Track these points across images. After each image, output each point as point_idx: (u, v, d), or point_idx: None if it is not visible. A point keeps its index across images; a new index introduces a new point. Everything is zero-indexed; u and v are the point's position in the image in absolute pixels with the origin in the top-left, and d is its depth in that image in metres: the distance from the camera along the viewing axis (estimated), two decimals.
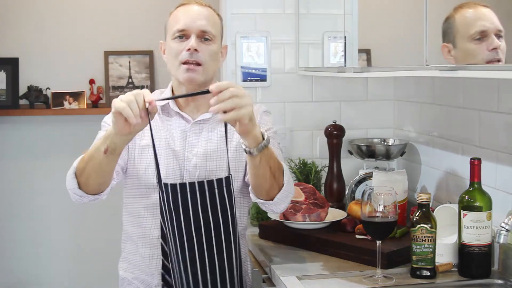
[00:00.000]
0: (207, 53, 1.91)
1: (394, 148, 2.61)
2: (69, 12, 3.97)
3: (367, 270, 1.98)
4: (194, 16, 1.92)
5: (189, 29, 1.90)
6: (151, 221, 1.95)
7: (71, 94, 3.89)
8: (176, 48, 1.91)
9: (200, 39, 1.91)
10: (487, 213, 1.89)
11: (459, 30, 1.83)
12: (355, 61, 2.34)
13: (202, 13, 1.93)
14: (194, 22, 1.91)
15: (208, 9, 1.96)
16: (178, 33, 1.91)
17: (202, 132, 1.97)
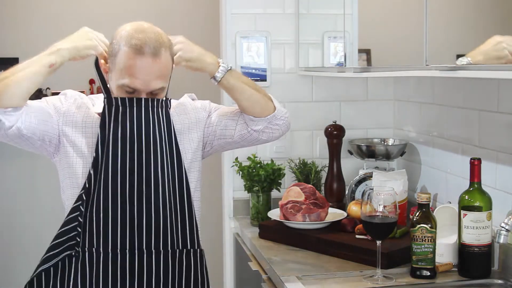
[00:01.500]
0: (158, 97, 1.82)
1: (394, 148, 2.61)
2: (69, 12, 3.98)
3: (367, 270, 1.98)
4: (147, 76, 1.75)
5: (140, 90, 1.77)
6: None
7: None
8: (122, 95, 1.80)
9: (150, 93, 1.79)
10: (487, 213, 1.89)
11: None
12: (355, 61, 2.34)
13: (156, 70, 1.75)
14: (147, 85, 1.76)
15: (162, 56, 1.75)
16: (127, 90, 1.77)
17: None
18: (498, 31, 1.71)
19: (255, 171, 2.55)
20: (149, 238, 1.79)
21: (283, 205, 2.32)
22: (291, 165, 2.71)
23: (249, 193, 2.60)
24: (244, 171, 2.57)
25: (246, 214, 2.72)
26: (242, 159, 2.64)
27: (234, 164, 2.65)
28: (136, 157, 1.79)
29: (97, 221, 1.78)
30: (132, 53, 1.75)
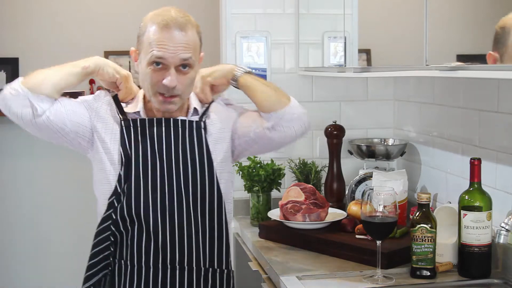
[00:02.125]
0: (186, 83, 1.80)
1: (394, 148, 2.61)
2: (69, 12, 3.98)
3: (367, 270, 1.98)
4: (174, 46, 1.76)
5: (168, 61, 1.77)
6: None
7: (71, 94, 3.87)
8: (152, 77, 1.79)
9: (179, 68, 1.78)
10: (487, 213, 1.89)
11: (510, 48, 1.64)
12: (355, 61, 2.34)
13: (183, 40, 1.77)
14: (174, 53, 1.76)
15: (188, 29, 1.79)
16: (155, 61, 1.78)
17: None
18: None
19: (255, 171, 2.55)
20: (173, 254, 1.81)
21: (283, 205, 2.32)
22: (291, 165, 2.71)
23: (249, 193, 2.60)
24: (244, 171, 2.57)
25: (246, 214, 2.71)
26: (242, 159, 2.64)
27: (234, 164, 2.64)
28: (160, 174, 1.82)
29: (126, 233, 1.82)
30: (158, 28, 1.79)
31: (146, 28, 1.82)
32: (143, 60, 1.81)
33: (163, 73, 1.78)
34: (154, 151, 1.82)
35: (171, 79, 1.77)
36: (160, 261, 1.81)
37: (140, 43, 1.85)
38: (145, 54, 1.80)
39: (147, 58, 1.78)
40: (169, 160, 1.83)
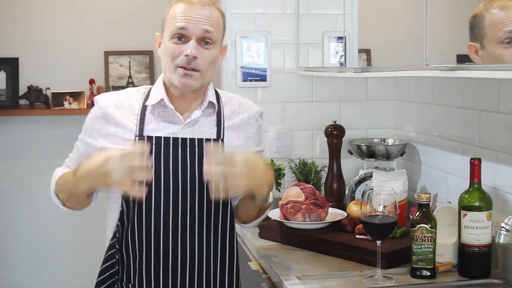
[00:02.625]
0: (207, 59, 1.77)
1: (394, 148, 2.61)
2: (69, 12, 3.98)
3: (367, 270, 1.97)
4: (197, 16, 1.76)
5: (190, 31, 1.76)
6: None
7: (71, 94, 3.89)
8: (173, 50, 1.77)
9: (200, 43, 1.77)
10: (487, 213, 1.89)
11: (487, 30, 1.67)
12: (355, 61, 2.34)
13: (206, 13, 1.77)
14: (196, 24, 1.76)
15: (212, 8, 1.80)
16: (178, 33, 1.76)
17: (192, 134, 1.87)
18: None
19: None
20: (184, 277, 1.79)
21: (283, 205, 2.32)
22: (291, 165, 2.71)
23: None
24: None
25: None
26: None
27: None
28: (173, 197, 1.78)
29: (133, 257, 1.80)
30: (183, 3, 1.80)
31: (171, 8, 1.83)
32: (166, 36, 1.81)
33: (184, 46, 1.76)
34: (168, 173, 1.77)
35: (192, 49, 1.75)
36: (170, 285, 1.78)
37: (164, 24, 1.85)
38: (168, 29, 1.80)
39: (170, 31, 1.78)
40: (184, 183, 1.78)
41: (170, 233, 1.77)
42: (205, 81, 1.82)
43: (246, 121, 1.91)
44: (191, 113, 1.83)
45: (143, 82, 4.01)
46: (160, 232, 1.78)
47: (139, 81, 4.02)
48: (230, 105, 1.90)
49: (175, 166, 1.78)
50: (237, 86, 2.74)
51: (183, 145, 1.80)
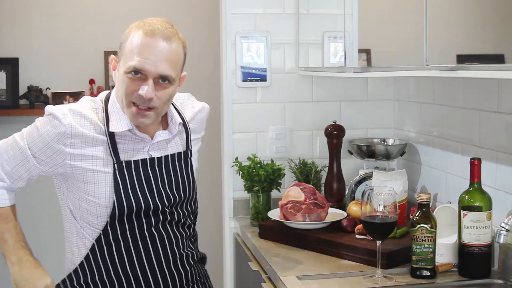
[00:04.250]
0: (163, 98, 1.72)
1: (394, 148, 2.61)
2: (69, 12, 3.98)
3: (367, 270, 1.98)
4: (156, 56, 1.68)
5: (147, 72, 1.68)
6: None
7: (71, 94, 3.89)
8: (128, 86, 1.70)
9: (158, 81, 1.70)
10: (487, 213, 1.89)
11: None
12: (355, 61, 2.34)
13: (166, 52, 1.69)
14: (155, 65, 1.68)
15: (173, 43, 1.71)
16: (134, 69, 1.69)
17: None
18: (498, 31, 1.71)
19: (255, 171, 2.55)
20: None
21: (283, 205, 2.32)
22: (291, 165, 2.71)
23: (249, 193, 2.60)
24: (244, 171, 2.57)
25: (246, 214, 2.72)
26: (242, 159, 2.64)
27: (234, 164, 2.65)
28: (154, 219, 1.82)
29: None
30: (143, 34, 1.70)
31: (130, 34, 1.73)
32: (122, 68, 1.73)
33: (140, 83, 1.69)
34: (153, 192, 1.81)
35: (148, 90, 1.68)
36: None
37: (121, 50, 1.76)
38: (124, 61, 1.72)
39: (126, 65, 1.70)
40: (167, 199, 1.83)
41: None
42: (160, 115, 1.80)
43: (201, 123, 2.00)
44: (157, 132, 1.83)
45: None
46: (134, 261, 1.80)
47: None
48: (186, 113, 1.95)
49: (157, 185, 1.81)
50: (237, 86, 2.74)
51: (158, 164, 1.82)
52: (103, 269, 1.78)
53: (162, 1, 4.08)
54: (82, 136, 1.74)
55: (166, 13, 4.12)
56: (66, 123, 1.73)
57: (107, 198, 1.75)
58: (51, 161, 1.76)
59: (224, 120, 2.77)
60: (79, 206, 1.79)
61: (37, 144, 1.76)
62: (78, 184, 1.77)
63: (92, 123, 1.76)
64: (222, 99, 2.80)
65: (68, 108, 1.76)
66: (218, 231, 3.08)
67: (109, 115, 1.78)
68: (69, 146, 1.74)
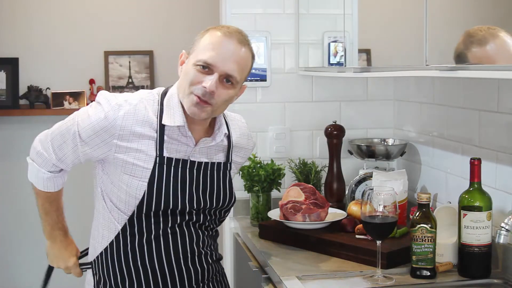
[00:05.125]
0: (223, 97, 1.77)
1: (394, 148, 2.61)
2: (69, 12, 3.98)
3: (367, 270, 1.98)
4: (227, 55, 1.75)
5: (216, 67, 1.75)
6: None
7: (71, 94, 3.89)
8: (194, 76, 1.75)
9: (222, 80, 1.76)
10: (487, 213, 1.89)
11: None
12: (355, 61, 2.34)
13: (237, 54, 1.77)
14: (224, 63, 1.75)
15: (246, 49, 1.81)
16: (203, 64, 1.75)
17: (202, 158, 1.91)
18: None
19: (255, 171, 2.55)
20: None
21: (283, 205, 2.32)
22: (291, 165, 2.71)
23: (249, 193, 2.60)
24: (244, 171, 2.57)
25: (246, 214, 2.72)
26: None
27: None
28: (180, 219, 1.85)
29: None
30: (221, 34, 1.77)
31: (207, 33, 1.80)
32: (192, 59, 1.77)
33: (205, 77, 1.75)
34: (185, 194, 1.83)
35: (212, 83, 1.73)
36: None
37: (194, 46, 1.81)
38: (196, 54, 1.77)
39: (198, 57, 1.76)
40: (198, 205, 1.86)
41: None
42: (214, 115, 1.84)
43: (245, 154, 2.03)
44: (202, 138, 1.86)
45: (143, 82, 4.01)
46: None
47: (139, 81, 4.02)
48: (234, 130, 1.98)
49: (191, 188, 1.84)
50: None
51: (198, 168, 1.85)
52: (123, 258, 1.82)
53: (162, 1, 4.08)
54: (131, 130, 1.77)
55: (166, 13, 4.13)
56: (119, 114, 1.76)
57: (139, 190, 1.77)
58: (98, 150, 1.79)
59: None
60: (111, 189, 1.82)
61: (87, 131, 1.79)
62: (115, 170, 1.80)
63: (145, 116, 1.79)
64: None
65: (124, 99, 1.80)
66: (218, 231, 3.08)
67: (164, 108, 1.82)
68: (117, 138, 1.76)
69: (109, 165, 1.81)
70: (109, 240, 1.84)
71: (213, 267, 1.92)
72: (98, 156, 1.81)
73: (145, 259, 1.81)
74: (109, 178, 1.82)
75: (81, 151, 1.81)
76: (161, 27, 4.06)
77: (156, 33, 4.06)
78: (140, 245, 1.81)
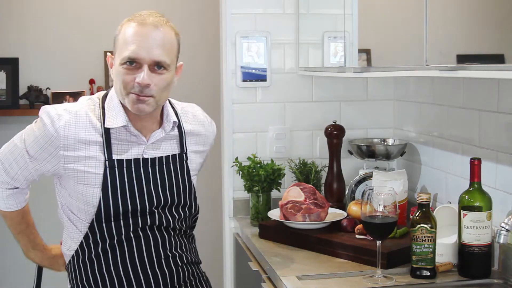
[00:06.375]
0: (160, 85, 1.74)
1: (394, 148, 2.61)
2: (69, 12, 3.98)
3: (367, 270, 1.98)
4: (149, 43, 1.71)
5: (141, 59, 1.71)
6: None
7: (71, 94, 3.89)
8: (125, 75, 1.72)
9: (153, 68, 1.72)
10: (487, 213, 1.89)
11: None
12: (355, 61, 2.34)
13: (158, 38, 1.72)
14: (148, 51, 1.71)
15: (165, 30, 1.75)
16: (128, 60, 1.71)
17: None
18: (498, 31, 1.71)
19: (255, 171, 2.55)
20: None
21: (283, 205, 2.32)
22: (291, 165, 2.71)
23: (249, 193, 2.60)
24: (244, 171, 2.57)
25: (246, 214, 2.72)
26: (242, 159, 2.64)
27: (234, 164, 2.65)
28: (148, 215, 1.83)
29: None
30: (134, 25, 1.75)
31: (122, 28, 1.79)
32: (117, 59, 1.75)
33: (136, 72, 1.72)
34: (143, 193, 1.81)
35: (144, 77, 1.70)
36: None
37: (115, 44, 1.80)
38: (119, 53, 1.75)
39: (121, 56, 1.73)
40: (158, 202, 1.84)
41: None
42: (159, 104, 1.81)
43: (204, 141, 1.99)
44: (153, 133, 1.84)
45: None
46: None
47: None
48: (186, 119, 1.95)
49: (148, 186, 1.81)
50: (237, 86, 2.74)
51: (152, 165, 1.82)
52: (89, 265, 1.81)
53: (162, 1, 4.08)
54: (75, 138, 1.75)
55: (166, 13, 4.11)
56: (60, 124, 1.74)
57: (95, 197, 1.76)
58: (48, 164, 1.78)
59: (224, 120, 2.77)
60: (69, 201, 1.82)
61: (33, 146, 1.78)
62: (69, 181, 1.79)
63: (88, 122, 1.77)
64: (222, 99, 2.80)
65: (63, 109, 1.78)
66: (218, 231, 3.08)
67: (106, 111, 1.80)
68: (62, 148, 1.75)
69: (64, 178, 1.80)
70: (74, 250, 1.84)
71: (184, 269, 1.87)
72: (49, 170, 1.79)
73: (110, 266, 1.79)
74: (67, 191, 1.81)
75: (32, 167, 1.80)
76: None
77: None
78: (104, 251, 1.79)
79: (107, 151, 1.77)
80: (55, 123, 1.74)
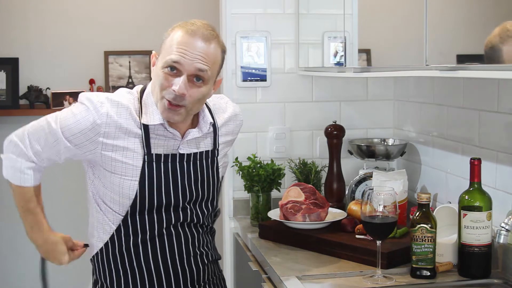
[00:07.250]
0: (195, 96, 1.74)
1: (394, 148, 2.61)
2: (69, 12, 3.98)
3: (367, 270, 1.98)
4: (194, 53, 1.72)
5: (183, 67, 1.72)
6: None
7: (71, 94, 3.89)
8: (163, 80, 1.73)
9: (192, 79, 1.73)
10: (487, 213, 1.89)
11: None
12: (355, 61, 2.34)
13: (204, 50, 1.73)
14: (191, 61, 1.71)
15: (213, 45, 1.75)
16: (170, 65, 1.72)
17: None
18: None
19: (255, 171, 2.55)
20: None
21: (283, 205, 2.32)
22: (291, 165, 2.71)
23: (249, 193, 2.60)
24: (244, 171, 2.57)
25: (246, 214, 2.72)
26: (242, 159, 2.64)
27: (234, 164, 2.65)
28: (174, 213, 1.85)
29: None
30: (184, 33, 1.74)
31: (172, 32, 1.78)
32: (160, 62, 1.76)
33: (175, 80, 1.73)
34: (177, 187, 1.83)
35: (181, 86, 1.71)
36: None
37: (161, 46, 1.80)
38: (163, 56, 1.75)
39: (164, 59, 1.74)
40: (191, 196, 1.86)
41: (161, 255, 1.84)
42: (190, 114, 1.82)
43: (233, 130, 2.01)
44: (188, 130, 1.85)
45: (143, 82, 4.01)
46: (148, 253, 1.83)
47: (139, 81, 4.02)
48: (219, 114, 1.96)
49: (182, 181, 1.84)
50: (237, 86, 2.74)
51: (187, 160, 1.85)
52: (119, 259, 1.83)
53: (162, 1, 4.08)
54: (116, 126, 1.76)
55: (165, 14, 4.12)
56: (103, 111, 1.75)
57: (132, 189, 1.78)
58: (83, 148, 1.78)
59: None
60: (103, 192, 1.82)
61: (71, 129, 1.76)
62: (105, 172, 1.79)
63: (129, 113, 1.78)
64: None
65: (106, 97, 1.79)
66: (218, 231, 3.07)
67: (143, 107, 1.81)
68: (102, 135, 1.75)
69: (99, 167, 1.81)
70: (104, 241, 1.84)
71: (209, 267, 1.91)
72: (83, 154, 1.79)
73: (141, 260, 1.81)
74: (101, 181, 1.82)
75: (63, 147, 1.78)
76: (161, 27, 4.03)
77: (156, 33, 4.03)
78: (135, 245, 1.81)
79: (146, 145, 1.78)
80: (98, 109, 1.75)
